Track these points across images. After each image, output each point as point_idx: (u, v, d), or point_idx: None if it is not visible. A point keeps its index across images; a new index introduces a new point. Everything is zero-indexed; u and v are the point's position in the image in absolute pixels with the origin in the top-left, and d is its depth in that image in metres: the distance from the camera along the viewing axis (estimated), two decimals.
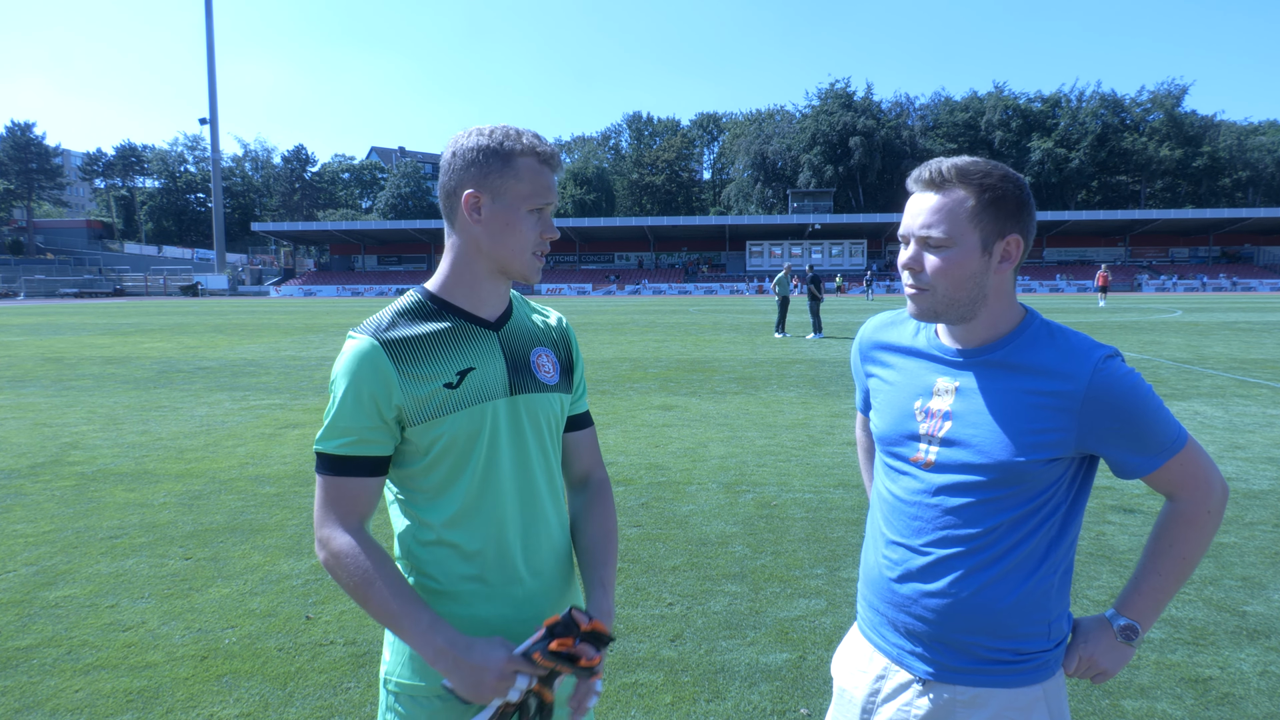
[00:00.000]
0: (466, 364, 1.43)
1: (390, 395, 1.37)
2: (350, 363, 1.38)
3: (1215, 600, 3.91)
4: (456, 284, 1.47)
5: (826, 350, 16.56)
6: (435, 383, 1.39)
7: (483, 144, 1.40)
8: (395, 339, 1.40)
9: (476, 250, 1.44)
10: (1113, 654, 1.46)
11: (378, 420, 1.38)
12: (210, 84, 77.96)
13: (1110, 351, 1.36)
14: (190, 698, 3.09)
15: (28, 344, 19.11)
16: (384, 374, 1.37)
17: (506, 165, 1.39)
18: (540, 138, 1.43)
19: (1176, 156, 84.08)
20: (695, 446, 7.41)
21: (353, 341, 1.40)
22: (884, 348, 1.58)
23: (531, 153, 1.41)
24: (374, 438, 1.39)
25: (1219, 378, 11.71)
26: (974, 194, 1.35)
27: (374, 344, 1.38)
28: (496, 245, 1.42)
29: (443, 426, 1.39)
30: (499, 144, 1.39)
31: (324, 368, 13.97)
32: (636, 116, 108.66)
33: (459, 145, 1.42)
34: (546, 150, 1.42)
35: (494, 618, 1.44)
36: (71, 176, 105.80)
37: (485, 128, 1.42)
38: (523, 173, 1.40)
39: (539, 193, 1.41)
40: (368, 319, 1.45)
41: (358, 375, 1.37)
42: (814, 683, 3.18)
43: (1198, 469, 1.39)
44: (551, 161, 1.43)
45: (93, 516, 5.35)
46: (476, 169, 1.40)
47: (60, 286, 71.13)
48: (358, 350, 1.38)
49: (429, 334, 1.42)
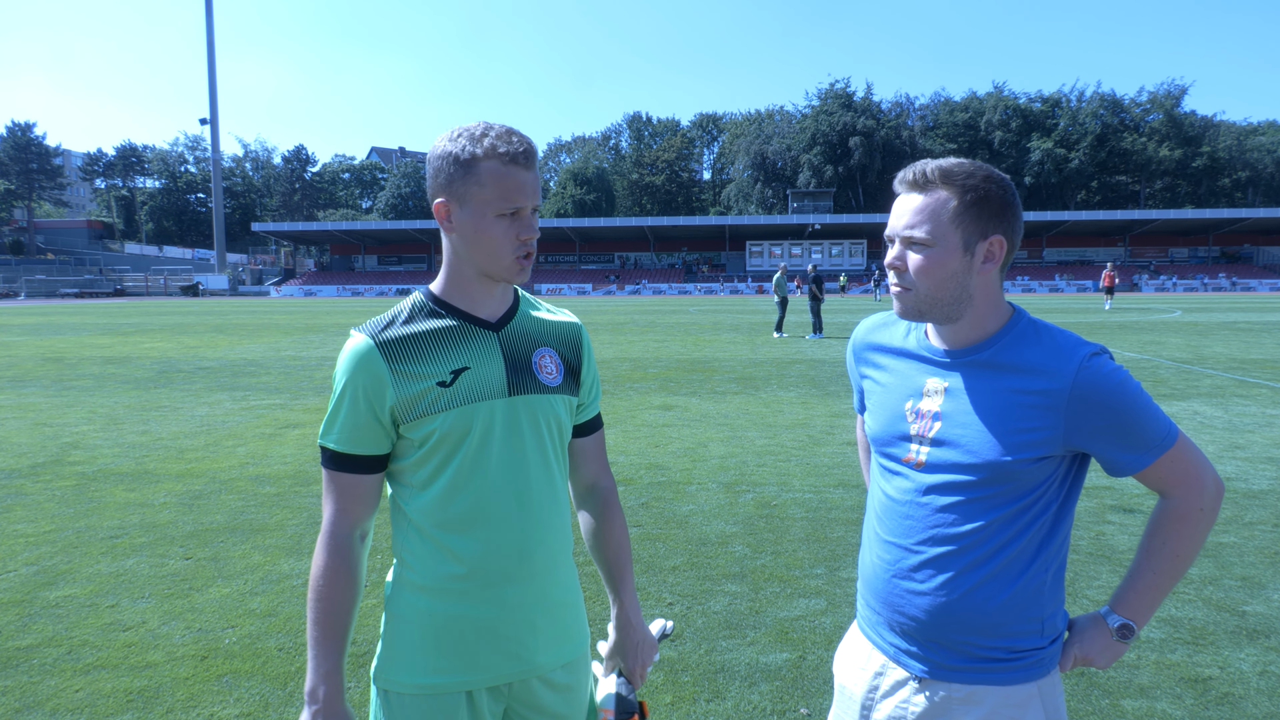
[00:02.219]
0: (461, 363, 1.43)
1: (383, 394, 1.40)
2: (348, 362, 1.42)
3: (1215, 600, 3.91)
4: (452, 286, 1.48)
5: (826, 350, 16.56)
6: (428, 381, 1.41)
7: (447, 150, 1.38)
8: (391, 338, 1.42)
9: (458, 255, 1.45)
10: (1107, 652, 1.46)
11: (372, 419, 1.41)
12: (210, 84, 77.96)
13: (1096, 349, 1.36)
14: (190, 698, 3.09)
15: (28, 344, 19.12)
16: (377, 373, 1.39)
17: (469, 172, 1.36)
18: (508, 136, 1.37)
19: (1176, 157, 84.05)
20: (695, 446, 7.42)
21: (351, 340, 1.43)
22: (876, 349, 1.59)
23: (493, 155, 1.35)
24: (368, 437, 1.42)
25: (1219, 378, 11.72)
26: (956, 195, 1.37)
27: (370, 343, 1.41)
28: (472, 251, 1.42)
29: (434, 424, 1.41)
30: (460, 149, 1.37)
31: (324, 368, 13.98)
32: (636, 116, 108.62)
33: (432, 152, 1.42)
34: (510, 150, 1.36)
35: (480, 618, 1.44)
36: (72, 176, 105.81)
37: (457, 130, 1.40)
38: (485, 178, 1.36)
39: (505, 196, 1.37)
40: (371, 318, 1.48)
41: (353, 374, 1.40)
42: (814, 683, 3.18)
43: (1189, 466, 1.39)
44: (520, 160, 1.37)
45: (93, 516, 5.36)
46: (444, 177, 1.39)
47: (61, 286, 71.13)
48: (355, 350, 1.41)
49: (426, 332, 1.44)
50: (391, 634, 1.48)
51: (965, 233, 1.37)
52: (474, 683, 1.44)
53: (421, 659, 1.44)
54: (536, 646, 1.48)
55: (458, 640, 1.43)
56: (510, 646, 1.46)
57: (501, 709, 1.49)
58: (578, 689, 1.56)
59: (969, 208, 1.36)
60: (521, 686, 1.49)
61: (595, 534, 1.66)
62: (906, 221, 1.40)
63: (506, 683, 1.47)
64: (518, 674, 1.47)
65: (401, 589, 1.47)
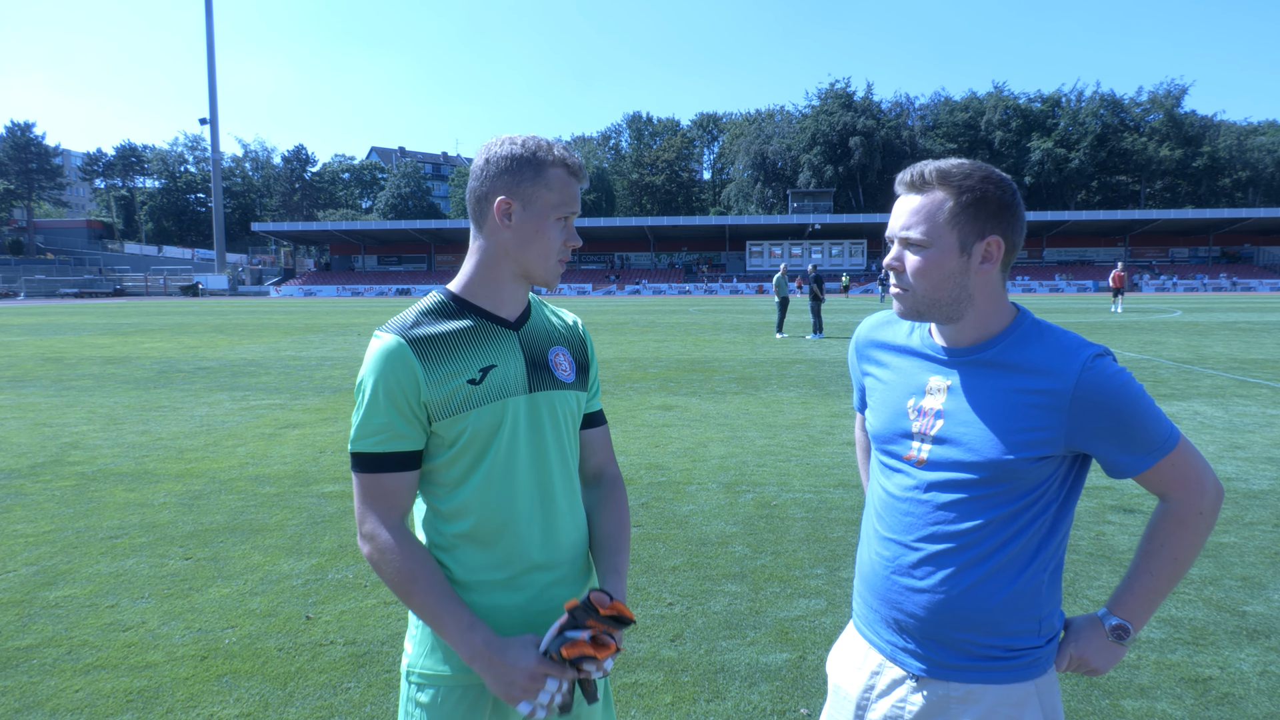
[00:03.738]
0: (489, 361, 1.48)
1: (418, 391, 1.42)
2: (378, 360, 1.43)
3: (1215, 600, 3.91)
4: (480, 285, 1.52)
5: (826, 350, 16.56)
6: (459, 379, 1.44)
7: (516, 153, 1.45)
8: (420, 337, 1.45)
9: (504, 254, 1.49)
10: (1104, 653, 1.46)
11: (409, 415, 1.43)
12: (210, 84, 77.98)
13: (1100, 350, 1.36)
14: (190, 698, 3.09)
15: (28, 344, 19.12)
16: (411, 370, 1.42)
17: (539, 174, 1.45)
18: (570, 150, 1.50)
19: (1176, 157, 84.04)
20: (695, 446, 7.42)
21: (379, 340, 1.45)
22: (879, 346, 1.60)
23: (562, 164, 1.46)
24: (405, 432, 1.44)
25: (1219, 378, 11.72)
26: (953, 196, 1.37)
27: (400, 342, 1.43)
28: (523, 250, 1.48)
29: (467, 421, 1.44)
30: (532, 154, 1.45)
31: (324, 368, 13.98)
32: (636, 116, 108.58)
33: (492, 152, 1.47)
34: (576, 163, 1.48)
35: (513, 606, 1.48)
36: (71, 176, 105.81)
37: (518, 137, 1.48)
38: (553, 182, 1.45)
39: (566, 202, 1.47)
40: (392, 319, 1.50)
41: (386, 372, 1.42)
42: (814, 683, 3.18)
43: (1189, 469, 1.39)
44: (579, 173, 1.49)
45: (93, 516, 5.36)
46: (509, 176, 1.45)
47: (60, 286, 71.13)
48: (385, 348, 1.43)
49: (452, 332, 1.47)
50: (424, 626, 1.50)
51: (961, 233, 1.37)
52: None
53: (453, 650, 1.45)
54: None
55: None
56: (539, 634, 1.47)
57: None
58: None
59: (965, 208, 1.37)
60: None
61: (597, 514, 1.68)
62: (904, 222, 1.41)
63: None
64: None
65: None
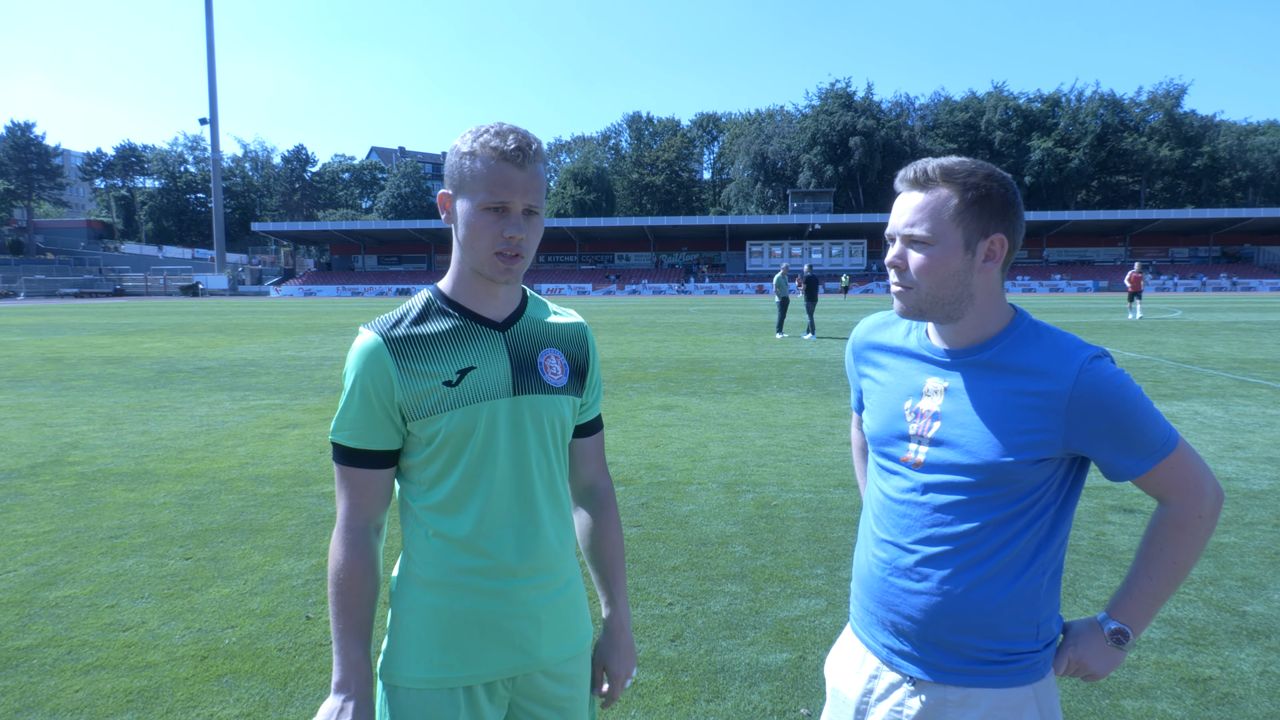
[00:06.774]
0: (467, 363, 1.45)
1: (391, 391, 1.42)
2: (357, 358, 1.44)
3: (1215, 600, 3.91)
4: (458, 284, 1.50)
5: (826, 350, 16.56)
6: (434, 380, 1.43)
7: (456, 144, 1.44)
8: (399, 336, 1.44)
9: (459, 251, 1.48)
10: (1103, 657, 1.45)
11: (382, 415, 1.43)
12: (210, 84, 77.95)
13: (1098, 352, 1.35)
14: (190, 698, 3.09)
15: (28, 344, 19.11)
16: (385, 370, 1.42)
17: (470, 163, 1.41)
18: (506, 134, 1.39)
19: (1176, 156, 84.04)
20: (695, 446, 7.42)
21: (361, 337, 1.46)
22: (876, 348, 1.59)
23: (488, 149, 1.38)
24: (379, 432, 1.44)
25: (1219, 378, 11.71)
26: (957, 193, 1.36)
27: (378, 341, 1.43)
28: (462, 245, 1.46)
29: (440, 423, 1.43)
30: (465, 143, 1.42)
31: (324, 368, 13.98)
32: (636, 116, 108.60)
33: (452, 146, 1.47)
34: (506, 146, 1.37)
35: (485, 612, 1.46)
36: (71, 176, 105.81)
37: (473, 128, 1.44)
38: (479, 171, 1.39)
39: (493, 190, 1.38)
40: (381, 315, 1.50)
41: (361, 371, 1.43)
42: (814, 683, 3.18)
43: (1189, 473, 1.38)
44: (514, 157, 1.37)
45: (93, 516, 5.36)
46: (450, 170, 1.45)
47: (60, 286, 71.12)
48: (364, 346, 1.44)
49: (434, 332, 1.46)
50: (397, 629, 1.49)
51: (966, 231, 1.37)
52: (479, 677, 1.46)
53: (427, 654, 1.45)
54: (540, 640, 1.49)
55: (463, 635, 1.45)
56: (515, 640, 1.47)
57: (505, 702, 1.51)
58: (581, 678, 1.58)
59: (970, 206, 1.36)
60: (525, 680, 1.50)
61: (591, 534, 1.68)
62: (907, 219, 1.39)
63: (510, 677, 1.49)
64: (522, 668, 1.49)
65: (408, 584, 1.49)
